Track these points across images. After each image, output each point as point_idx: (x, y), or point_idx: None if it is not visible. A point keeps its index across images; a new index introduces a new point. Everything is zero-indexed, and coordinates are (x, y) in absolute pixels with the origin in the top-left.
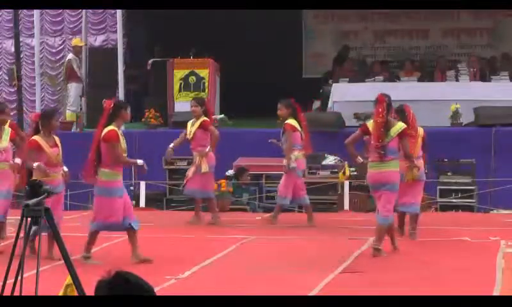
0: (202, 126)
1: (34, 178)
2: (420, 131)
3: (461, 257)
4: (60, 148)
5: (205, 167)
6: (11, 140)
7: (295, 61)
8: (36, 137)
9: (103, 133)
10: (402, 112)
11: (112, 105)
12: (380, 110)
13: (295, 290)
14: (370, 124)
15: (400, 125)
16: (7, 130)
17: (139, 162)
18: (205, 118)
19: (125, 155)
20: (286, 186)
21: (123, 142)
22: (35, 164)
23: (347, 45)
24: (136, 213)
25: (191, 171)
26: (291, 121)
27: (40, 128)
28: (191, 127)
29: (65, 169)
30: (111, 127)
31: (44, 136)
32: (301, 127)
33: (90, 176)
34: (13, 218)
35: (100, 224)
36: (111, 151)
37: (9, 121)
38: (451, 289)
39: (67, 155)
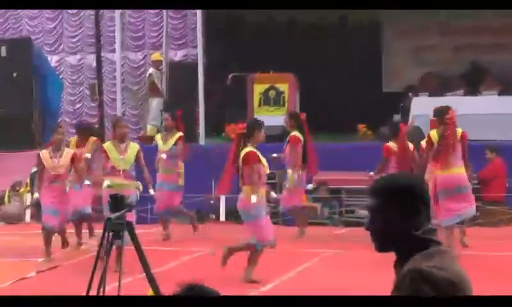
0: None
1: None
2: None
3: None
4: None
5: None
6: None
7: (375, 75)
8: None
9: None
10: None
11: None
12: None
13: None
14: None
15: None
16: (133, 147)
17: None
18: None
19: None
20: None
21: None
22: None
23: (477, 60)
24: (216, 227)
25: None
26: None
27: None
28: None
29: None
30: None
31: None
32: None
33: None
34: (97, 231)
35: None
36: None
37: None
38: None
39: (147, 168)
